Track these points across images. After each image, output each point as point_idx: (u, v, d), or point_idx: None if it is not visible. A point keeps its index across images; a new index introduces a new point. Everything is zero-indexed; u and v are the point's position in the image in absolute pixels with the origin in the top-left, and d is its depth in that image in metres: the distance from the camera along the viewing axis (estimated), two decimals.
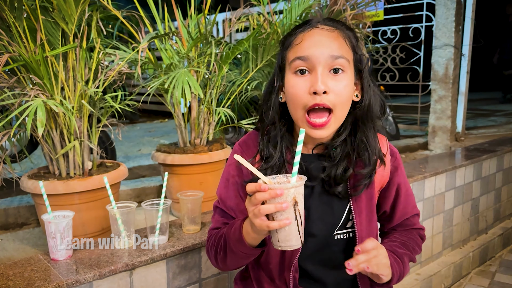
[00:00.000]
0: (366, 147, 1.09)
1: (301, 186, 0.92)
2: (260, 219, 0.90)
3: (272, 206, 0.88)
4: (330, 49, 1.00)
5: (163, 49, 2.40)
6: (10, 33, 1.78)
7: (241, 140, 1.21)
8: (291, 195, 0.89)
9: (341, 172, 1.08)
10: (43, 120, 1.56)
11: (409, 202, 1.23)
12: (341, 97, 1.01)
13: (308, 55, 1.00)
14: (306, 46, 1.02)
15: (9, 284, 1.21)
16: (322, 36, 1.03)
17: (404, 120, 5.80)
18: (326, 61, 1.00)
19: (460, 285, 2.67)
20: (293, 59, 1.03)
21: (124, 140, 4.79)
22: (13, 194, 2.65)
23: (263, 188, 0.87)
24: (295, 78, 1.03)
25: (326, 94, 0.99)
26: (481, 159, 2.93)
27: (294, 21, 2.51)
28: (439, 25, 4.13)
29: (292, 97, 1.04)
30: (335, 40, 1.02)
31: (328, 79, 1.00)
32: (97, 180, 1.84)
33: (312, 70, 1.01)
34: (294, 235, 0.92)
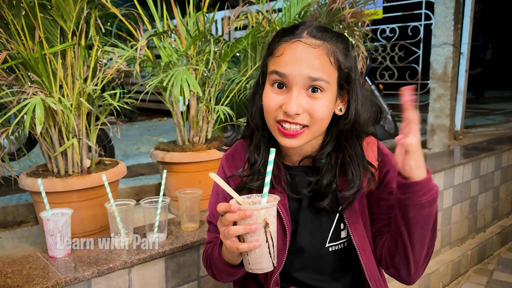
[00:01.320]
0: (351, 166, 1.03)
1: (273, 207, 0.89)
2: (230, 240, 0.88)
3: (241, 227, 0.86)
4: (309, 70, 0.94)
5: (161, 47, 2.40)
6: (8, 30, 1.77)
7: (228, 153, 1.19)
8: (262, 216, 0.86)
9: (325, 186, 1.04)
10: (41, 118, 1.56)
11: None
12: (315, 116, 0.96)
13: (286, 73, 0.95)
14: (285, 62, 0.96)
15: (7, 281, 1.21)
16: (303, 53, 0.95)
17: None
18: (304, 81, 0.95)
19: (458, 283, 2.68)
20: (271, 72, 0.99)
21: (123, 138, 4.79)
22: (11, 192, 2.65)
23: (233, 209, 0.86)
24: (271, 90, 0.99)
25: (298, 115, 0.95)
26: (480, 158, 2.93)
27: (293, 19, 2.51)
28: (438, 24, 4.13)
29: (265, 107, 1.01)
30: (317, 59, 0.95)
31: (303, 98, 0.96)
32: (95, 178, 1.84)
33: (288, 87, 0.97)
34: (265, 257, 0.89)
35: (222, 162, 1.18)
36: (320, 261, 1.11)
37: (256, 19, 2.70)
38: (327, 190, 1.04)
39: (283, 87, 0.98)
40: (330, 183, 1.04)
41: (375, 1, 3.34)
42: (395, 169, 1.09)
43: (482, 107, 7.44)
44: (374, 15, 4.18)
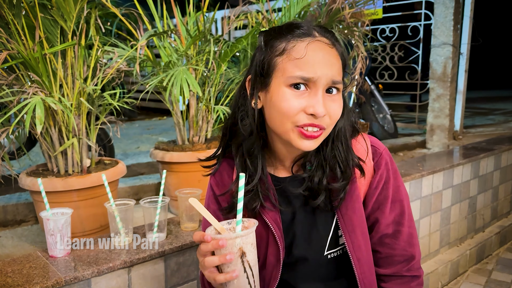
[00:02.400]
0: (337, 160, 1.01)
1: (249, 235, 0.84)
2: (208, 271, 0.86)
3: (216, 258, 0.83)
4: (333, 71, 0.92)
5: (161, 47, 2.40)
6: (8, 30, 1.78)
7: (215, 172, 1.15)
8: (237, 245, 0.82)
9: (317, 182, 1.01)
10: (41, 118, 1.56)
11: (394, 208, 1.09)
12: (333, 118, 0.95)
13: (313, 76, 0.90)
14: (311, 64, 0.91)
15: (7, 281, 1.21)
16: (326, 53, 0.93)
17: (403, 118, 5.81)
18: (327, 82, 0.92)
19: (457, 283, 2.68)
20: (293, 76, 0.91)
21: (123, 137, 4.79)
22: (11, 191, 2.65)
23: (206, 238, 0.83)
24: (289, 92, 0.92)
25: (323, 117, 0.92)
26: (479, 158, 2.94)
27: (292, 19, 2.51)
28: (437, 24, 4.14)
29: (282, 111, 0.92)
30: (336, 60, 0.95)
31: (326, 100, 0.92)
32: (95, 178, 1.85)
33: (310, 88, 0.92)
34: (243, 287, 0.86)
35: (210, 181, 1.15)
36: (320, 269, 1.09)
37: (256, 19, 2.71)
38: (319, 186, 1.02)
39: (302, 87, 0.92)
40: (321, 179, 1.02)
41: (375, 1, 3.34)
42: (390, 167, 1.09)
43: (481, 107, 7.45)
44: (374, 15, 4.18)
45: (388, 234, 1.09)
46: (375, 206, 1.09)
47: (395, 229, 1.09)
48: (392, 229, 1.09)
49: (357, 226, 1.05)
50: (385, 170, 1.08)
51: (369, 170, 1.07)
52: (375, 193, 1.08)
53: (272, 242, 1.06)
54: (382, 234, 1.09)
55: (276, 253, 1.06)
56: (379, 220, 1.09)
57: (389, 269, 1.10)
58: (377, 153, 1.08)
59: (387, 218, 1.08)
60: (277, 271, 1.07)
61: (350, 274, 1.08)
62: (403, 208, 1.10)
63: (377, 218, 1.09)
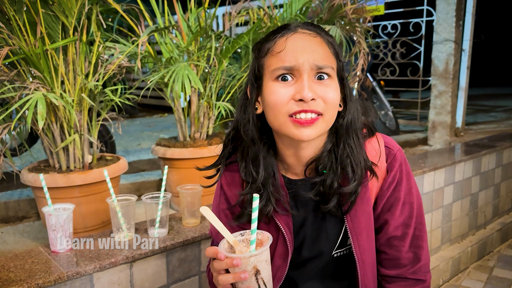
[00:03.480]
0: (350, 161, 1.00)
1: (263, 253, 0.84)
2: (222, 286, 0.87)
3: (231, 276, 0.83)
4: (315, 56, 0.93)
5: (163, 43, 2.40)
6: (10, 26, 1.78)
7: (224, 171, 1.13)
8: (251, 264, 0.82)
9: (329, 186, 1.00)
10: (43, 113, 1.56)
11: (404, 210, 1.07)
12: (329, 102, 0.94)
13: (293, 64, 0.92)
14: (290, 52, 0.93)
15: (10, 276, 1.22)
16: (305, 41, 0.94)
17: (404, 115, 5.81)
18: (312, 68, 0.92)
19: (458, 279, 2.68)
20: (276, 69, 0.94)
21: (124, 134, 4.80)
22: (13, 187, 2.66)
23: (219, 257, 0.83)
24: (277, 84, 0.94)
25: (314, 101, 0.92)
26: (481, 155, 2.93)
27: (294, 15, 2.51)
28: (439, 20, 4.12)
29: (272, 105, 0.94)
30: (319, 46, 0.95)
31: (314, 85, 0.93)
32: (97, 174, 1.85)
33: (296, 77, 0.93)
34: None
35: (221, 180, 1.13)
36: (326, 268, 1.09)
37: (258, 15, 2.70)
38: (331, 190, 1.00)
39: (289, 79, 0.94)
40: (333, 182, 1.00)
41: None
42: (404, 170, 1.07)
43: (483, 104, 7.44)
44: (375, 11, 4.17)
45: (397, 236, 1.08)
46: (385, 207, 1.08)
47: (404, 232, 1.08)
48: (401, 231, 1.08)
49: (364, 229, 1.04)
50: (398, 172, 1.06)
51: (382, 171, 1.06)
52: (386, 194, 1.06)
53: (281, 244, 1.05)
54: (391, 236, 1.08)
55: (284, 255, 1.05)
56: (389, 222, 1.08)
57: (394, 271, 1.09)
58: (391, 154, 1.07)
59: (396, 220, 1.07)
60: (282, 272, 1.07)
61: (351, 274, 1.08)
62: (413, 211, 1.08)
63: (387, 220, 1.08)
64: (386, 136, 1.11)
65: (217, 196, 1.14)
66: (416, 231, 1.08)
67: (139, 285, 1.42)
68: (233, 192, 1.09)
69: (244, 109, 1.04)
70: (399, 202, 1.06)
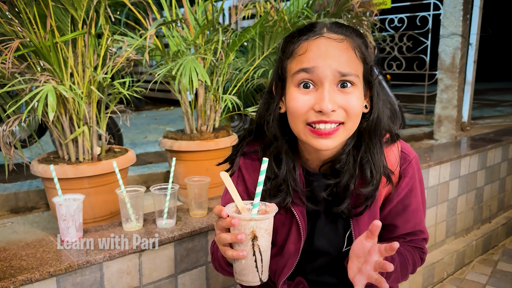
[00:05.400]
0: (370, 165, 1.00)
1: (265, 220, 0.85)
2: (221, 244, 0.88)
3: (228, 236, 0.85)
4: (339, 63, 0.90)
5: (170, 36, 2.41)
6: (20, 19, 1.80)
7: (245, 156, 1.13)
8: (250, 228, 0.83)
9: (342, 188, 1.00)
10: (53, 105, 1.58)
11: (413, 218, 1.09)
12: (351, 112, 0.92)
13: (314, 67, 0.90)
14: (312, 57, 0.91)
15: (22, 264, 1.25)
16: (329, 46, 0.91)
17: (410, 109, 5.79)
18: (334, 75, 0.90)
19: (462, 273, 2.70)
20: (297, 71, 0.93)
21: (131, 127, 4.83)
22: (22, 178, 2.69)
23: (223, 214, 0.84)
24: (298, 91, 0.93)
25: (334, 112, 0.90)
26: (486, 149, 2.93)
27: (301, 8, 2.51)
28: (446, 14, 4.10)
29: (292, 111, 0.94)
30: (344, 53, 0.91)
31: (336, 94, 0.91)
32: (106, 165, 1.87)
33: (317, 85, 0.92)
34: (250, 270, 0.87)
35: (240, 163, 1.13)
36: (338, 264, 1.10)
37: (264, 8, 2.70)
38: (345, 192, 1.01)
39: (310, 86, 0.92)
40: (348, 184, 1.00)
41: None
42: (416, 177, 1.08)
43: (490, 99, 7.40)
44: (382, 4, 4.16)
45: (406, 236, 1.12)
46: (394, 210, 1.09)
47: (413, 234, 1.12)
48: (408, 235, 1.12)
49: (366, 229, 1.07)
50: (412, 180, 1.07)
51: (395, 175, 1.06)
52: (396, 198, 1.07)
53: (294, 231, 1.07)
54: (395, 236, 1.12)
55: (297, 242, 1.07)
56: (397, 226, 1.10)
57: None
58: (406, 160, 1.07)
59: (405, 224, 1.10)
60: (293, 260, 1.09)
61: None
62: (422, 216, 1.12)
63: (395, 224, 1.10)
64: (403, 142, 1.11)
65: (233, 178, 1.13)
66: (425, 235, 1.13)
67: (147, 274, 1.44)
68: (251, 176, 1.10)
69: (267, 106, 1.04)
70: (409, 209, 1.08)
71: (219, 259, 1.07)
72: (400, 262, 1.05)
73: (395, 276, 1.05)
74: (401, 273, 1.06)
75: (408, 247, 1.11)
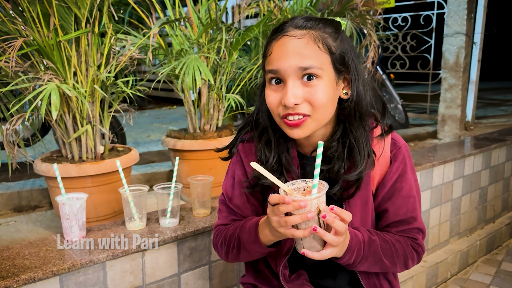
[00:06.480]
0: (356, 148, 1.05)
1: (323, 195, 0.92)
2: (285, 228, 0.91)
3: (298, 217, 0.88)
4: (299, 60, 0.96)
5: (173, 35, 2.41)
6: (24, 17, 1.80)
7: (245, 142, 1.20)
8: (314, 205, 0.90)
9: (335, 173, 1.05)
10: (57, 104, 1.58)
11: (405, 203, 1.11)
12: (315, 103, 0.98)
13: (277, 69, 0.98)
14: (275, 58, 0.99)
15: (25, 263, 1.25)
16: (290, 45, 0.98)
17: (414, 108, 5.78)
18: (295, 72, 0.97)
19: (466, 273, 2.69)
20: (266, 72, 1.02)
21: (134, 126, 4.83)
22: (25, 177, 2.70)
23: (287, 201, 0.88)
24: (269, 88, 1.03)
25: (298, 105, 0.97)
26: (490, 148, 2.92)
27: (304, 7, 2.50)
28: (450, 13, 4.09)
29: (268, 106, 1.04)
30: (304, 48, 0.97)
31: (299, 88, 0.97)
32: (109, 164, 1.87)
33: (284, 82, 0.99)
34: (318, 240, 0.94)
35: (238, 148, 1.20)
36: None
37: (268, 7, 2.70)
38: (337, 176, 1.05)
39: (280, 82, 1.00)
40: (339, 169, 1.05)
41: None
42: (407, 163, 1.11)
43: (494, 98, 7.37)
44: (386, 3, 4.14)
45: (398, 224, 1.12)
46: (386, 196, 1.11)
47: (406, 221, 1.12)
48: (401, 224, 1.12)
49: (359, 210, 1.09)
50: (402, 164, 1.10)
51: (386, 161, 1.10)
52: (388, 183, 1.10)
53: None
54: (390, 223, 1.13)
55: None
56: (389, 211, 1.12)
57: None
58: (396, 146, 1.11)
59: (397, 210, 1.11)
60: (290, 243, 1.11)
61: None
62: (416, 203, 1.12)
63: (387, 209, 1.12)
64: (394, 132, 1.14)
65: (233, 163, 1.21)
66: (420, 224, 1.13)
67: (150, 274, 1.44)
68: (249, 159, 1.16)
69: (260, 98, 1.13)
70: (401, 193, 1.11)
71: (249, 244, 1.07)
72: (383, 248, 1.06)
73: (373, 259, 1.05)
74: (386, 259, 1.06)
75: (399, 238, 1.11)
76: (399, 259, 1.09)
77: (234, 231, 1.13)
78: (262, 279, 1.23)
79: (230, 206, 1.19)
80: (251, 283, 1.26)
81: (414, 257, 1.12)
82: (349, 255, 1.00)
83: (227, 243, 1.15)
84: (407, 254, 1.09)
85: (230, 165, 1.22)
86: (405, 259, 1.10)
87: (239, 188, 1.17)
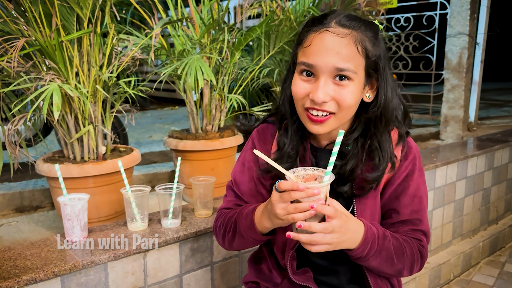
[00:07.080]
0: (378, 152, 1.06)
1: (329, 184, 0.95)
2: (292, 216, 0.92)
3: (307, 204, 0.90)
4: (337, 59, 0.96)
5: (175, 35, 2.41)
6: (26, 17, 1.79)
7: (260, 127, 1.22)
8: (324, 192, 0.92)
9: (348, 171, 1.06)
10: (59, 104, 1.58)
11: (411, 203, 1.11)
12: (342, 104, 0.99)
13: (313, 63, 0.98)
14: (313, 52, 0.99)
15: (27, 263, 1.24)
16: (331, 42, 0.97)
17: (416, 109, 5.76)
18: (330, 70, 0.97)
19: (469, 274, 2.67)
20: (300, 62, 1.02)
21: (135, 126, 4.84)
22: (27, 177, 2.70)
23: (301, 187, 0.88)
24: (299, 78, 1.03)
25: (325, 103, 0.99)
26: (493, 149, 2.91)
27: (307, 7, 2.49)
28: (453, 13, 4.07)
29: (293, 95, 1.05)
30: (344, 48, 0.97)
31: (330, 87, 0.98)
32: (111, 164, 1.87)
33: (316, 76, 1.00)
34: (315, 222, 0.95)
35: (252, 135, 1.22)
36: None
37: (270, 8, 2.69)
38: (350, 175, 1.06)
39: (311, 75, 1.00)
40: (353, 169, 1.06)
41: None
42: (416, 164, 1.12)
43: (496, 99, 7.35)
44: (388, 4, 4.13)
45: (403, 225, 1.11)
46: (393, 195, 1.11)
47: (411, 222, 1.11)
48: (406, 224, 1.11)
49: (369, 208, 1.09)
50: (411, 164, 1.11)
51: (397, 161, 1.10)
52: (396, 182, 1.11)
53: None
54: (395, 222, 1.12)
55: None
56: (396, 210, 1.11)
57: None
58: (407, 146, 1.12)
59: (403, 209, 1.11)
60: None
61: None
62: (422, 205, 1.12)
63: (394, 208, 1.12)
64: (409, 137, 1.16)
65: (245, 150, 1.23)
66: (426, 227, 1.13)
67: (152, 275, 1.43)
68: (262, 147, 1.18)
69: (283, 84, 1.14)
70: (407, 192, 1.11)
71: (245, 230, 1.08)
72: (394, 245, 1.05)
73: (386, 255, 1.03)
74: (396, 258, 1.05)
75: (406, 238, 1.10)
76: (407, 258, 1.08)
77: (233, 215, 1.14)
78: (264, 276, 1.23)
79: (236, 192, 1.21)
80: (253, 281, 1.26)
81: (419, 260, 1.11)
82: (363, 246, 0.99)
83: (225, 226, 1.16)
84: (414, 255, 1.09)
85: (242, 151, 1.24)
86: (412, 260, 1.09)
87: (248, 174, 1.19)
